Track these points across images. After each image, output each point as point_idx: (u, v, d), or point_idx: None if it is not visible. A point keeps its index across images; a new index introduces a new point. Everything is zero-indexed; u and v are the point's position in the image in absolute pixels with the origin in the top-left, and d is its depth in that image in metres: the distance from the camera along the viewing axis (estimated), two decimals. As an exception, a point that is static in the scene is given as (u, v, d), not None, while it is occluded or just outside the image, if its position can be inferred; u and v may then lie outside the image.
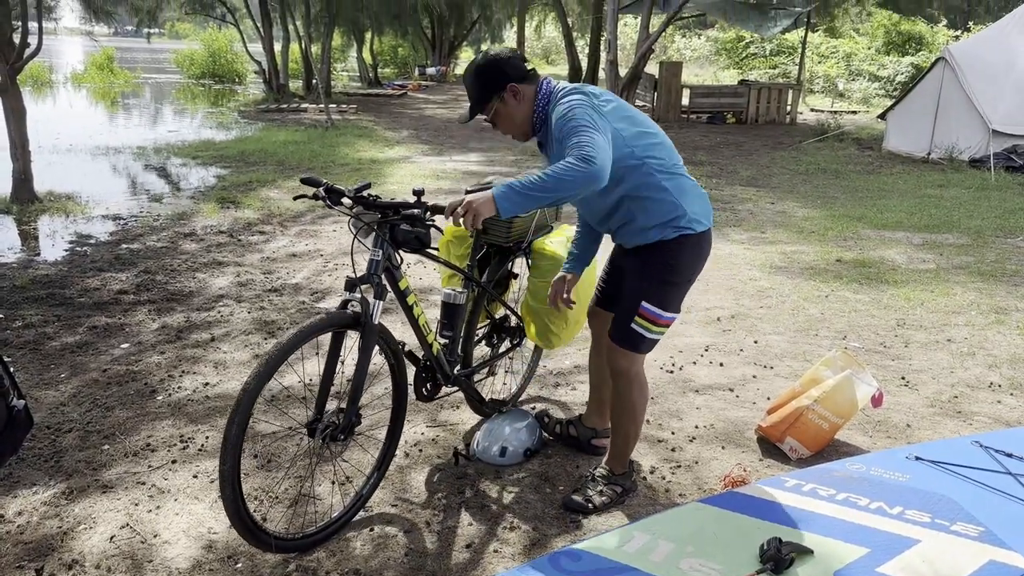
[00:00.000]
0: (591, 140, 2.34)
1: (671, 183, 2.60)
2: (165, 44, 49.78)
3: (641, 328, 2.67)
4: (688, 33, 35.93)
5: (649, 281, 2.66)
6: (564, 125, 2.44)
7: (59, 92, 22.75)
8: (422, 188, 2.70)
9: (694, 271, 2.70)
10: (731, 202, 8.82)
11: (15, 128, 7.85)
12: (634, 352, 2.73)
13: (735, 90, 18.02)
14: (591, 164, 2.29)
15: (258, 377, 2.34)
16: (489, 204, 2.32)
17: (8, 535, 2.64)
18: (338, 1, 18.26)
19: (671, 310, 2.68)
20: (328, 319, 2.49)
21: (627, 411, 2.83)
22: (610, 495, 2.84)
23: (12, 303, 5.03)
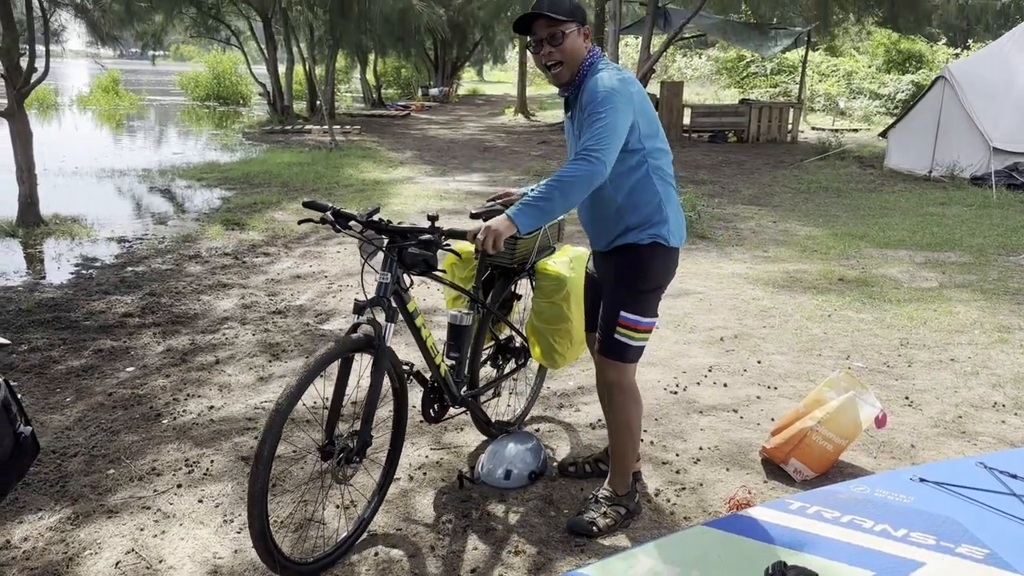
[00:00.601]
0: (605, 136, 2.44)
1: (663, 190, 2.69)
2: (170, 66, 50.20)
3: (624, 337, 2.73)
4: (689, 53, 36.15)
5: (623, 290, 2.73)
6: (595, 100, 2.51)
7: (65, 115, 22.92)
8: (436, 213, 2.73)
9: (664, 279, 2.78)
10: (733, 221, 8.84)
11: (21, 151, 7.90)
12: (621, 362, 2.77)
13: (736, 109, 18.11)
14: (594, 163, 2.41)
15: (289, 398, 2.37)
16: (507, 224, 2.40)
17: (14, 561, 2.64)
18: (342, 23, 18.40)
19: (649, 315, 2.75)
20: (350, 342, 2.53)
21: (623, 424, 2.85)
22: (614, 517, 2.85)
23: (18, 327, 5.06)
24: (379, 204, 2.83)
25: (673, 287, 5.97)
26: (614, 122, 2.48)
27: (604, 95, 2.51)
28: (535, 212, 2.42)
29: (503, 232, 2.40)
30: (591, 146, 2.45)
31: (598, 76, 2.58)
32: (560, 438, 3.59)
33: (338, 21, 18.31)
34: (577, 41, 2.62)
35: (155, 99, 30.13)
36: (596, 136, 2.46)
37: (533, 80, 45.20)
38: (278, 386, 4.16)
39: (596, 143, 2.45)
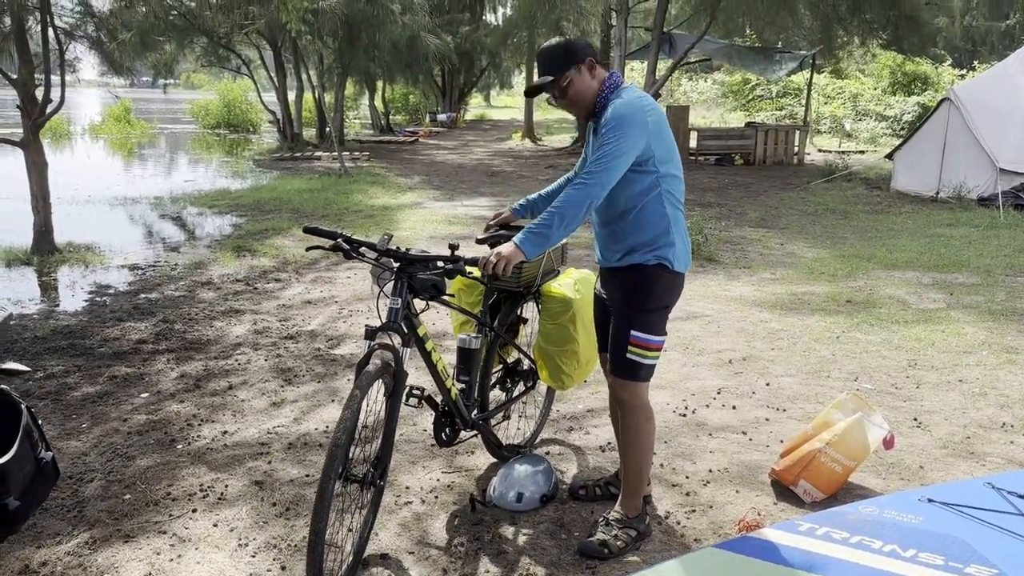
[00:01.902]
0: (607, 161, 2.58)
1: (673, 215, 2.78)
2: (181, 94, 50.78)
3: (636, 356, 2.79)
4: (695, 76, 36.41)
5: (631, 310, 2.80)
6: (608, 126, 2.64)
7: (77, 143, 23.21)
8: (457, 243, 2.81)
9: (670, 300, 2.85)
10: (740, 243, 8.89)
11: (36, 181, 8.03)
12: (634, 381, 2.83)
13: (742, 132, 18.22)
14: (590, 187, 2.58)
15: (347, 432, 2.43)
16: (515, 250, 2.55)
17: (33, 585, 2.68)
18: (350, 51, 18.63)
19: (658, 333, 2.82)
20: (381, 367, 2.59)
21: (637, 444, 2.89)
22: (625, 539, 2.87)
23: (34, 353, 5.12)
24: (391, 232, 2.89)
25: (681, 310, 6.02)
26: (618, 148, 2.59)
27: (615, 122, 2.63)
28: (538, 239, 2.59)
29: (512, 259, 2.55)
30: (590, 169, 2.61)
31: (616, 103, 2.69)
32: (570, 461, 3.62)
33: (347, 49, 18.53)
34: (582, 82, 2.74)
35: (166, 127, 30.47)
36: (598, 160, 2.60)
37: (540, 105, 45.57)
38: (291, 411, 4.21)
39: (596, 167, 2.60)
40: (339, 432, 2.42)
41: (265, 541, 2.96)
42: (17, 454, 2.23)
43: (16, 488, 2.27)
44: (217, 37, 20.66)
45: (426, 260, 2.75)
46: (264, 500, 3.26)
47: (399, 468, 3.52)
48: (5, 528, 2.33)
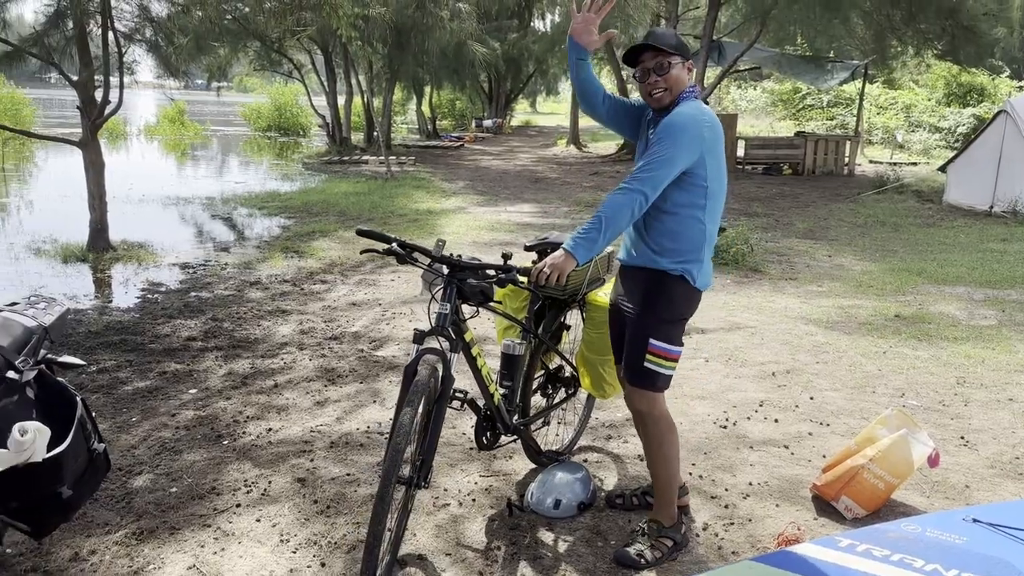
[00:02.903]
0: (655, 167, 2.60)
1: (709, 232, 2.80)
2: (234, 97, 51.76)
3: (654, 365, 2.80)
4: (744, 84, 36.05)
5: (650, 319, 2.81)
6: (665, 130, 2.65)
7: (132, 144, 23.80)
8: (511, 253, 2.84)
9: (687, 312, 2.87)
10: (787, 254, 8.78)
11: (94, 180, 8.26)
12: (652, 391, 2.84)
13: (791, 141, 17.98)
14: (635, 193, 2.59)
15: (405, 436, 2.46)
16: (567, 257, 2.57)
17: (82, 573, 2.77)
18: (399, 57, 18.82)
19: (676, 343, 2.84)
20: (432, 372, 2.63)
21: (659, 454, 2.90)
22: (662, 549, 2.87)
23: (88, 348, 5.28)
24: (444, 239, 2.94)
25: (724, 320, 5.98)
26: (669, 156, 2.60)
27: (673, 129, 2.64)
28: (587, 243, 2.60)
29: (565, 267, 2.57)
30: (637, 174, 2.62)
31: (680, 110, 2.70)
32: (608, 469, 3.62)
33: (396, 55, 18.73)
34: (682, 73, 2.74)
35: (219, 129, 31.08)
36: (646, 165, 2.62)
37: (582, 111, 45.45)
38: (334, 410, 4.28)
39: (644, 172, 2.61)
40: (399, 439, 2.45)
41: (306, 538, 3.01)
42: (71, 445, 2.31)
43: (70, 478, 2.35)
44: (270, 42, 21.04)
45: (478, 268, 2.79)
46: (306, 497, 3.32)
47: (438, 470, 3.56)
48: (58, 516, 2.42)
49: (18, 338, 2.49)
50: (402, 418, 2.49)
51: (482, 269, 2.79)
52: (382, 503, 2.39)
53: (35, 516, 2.34)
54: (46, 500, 2.30)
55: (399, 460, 2.44)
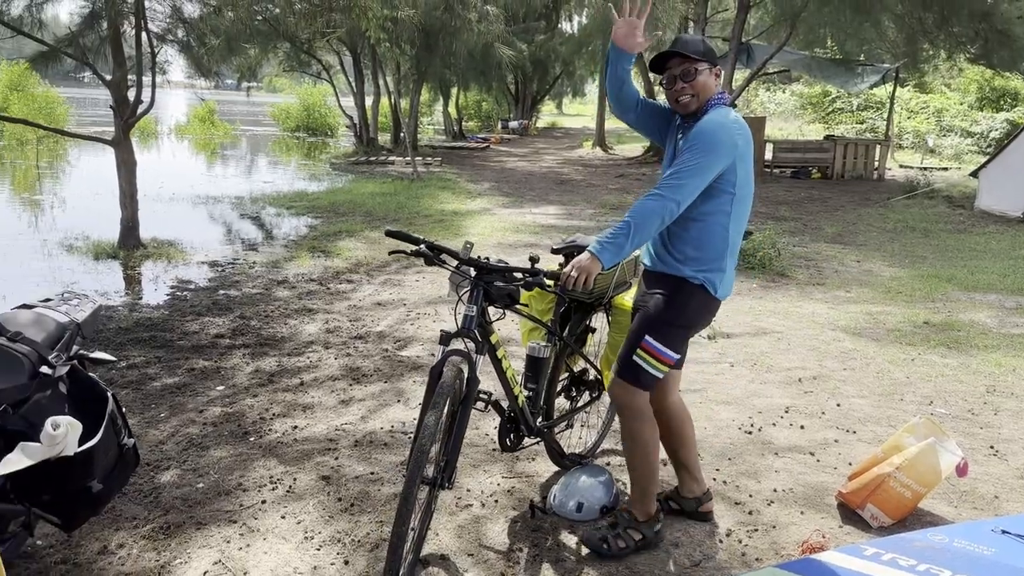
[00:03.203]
0: (687, 174, 2.57)
1: (733, 242, 2.78)
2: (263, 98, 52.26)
3: (641, 361, 2.79)
4: (772, 87, 35.78)
5: (654, 317, 2.80)
6: (697, 138, 2.63)
7: (164, 143, 24.12)
8: (538, 256, 2.85)
9: (698, 321, 2.86)
10: (815, 259, 8.70)
11: (126, 178, 8.38)
12: (634, 385, 2.83)
13: (820, 145, 17.83)
14: (666, 200, 2.57)
15: (430, 437, 2.47)
16: (592, 260, 2.57)
17: (110, 566, 2.81)
18: (427, 59, 18.91)
19: (672, 348, 2.80)
20: (457, 374, 2.65)
21: (634, 448, 2.90)
22: (627, 541, 2.91)
23: (118, 344, 5.36)
24: (472, 242, 2.95)
25: (750, 325, 5.94)
26: (702, 165, 2.59)
27: (705, 137, 2.62)
28: (613, 247, 2.59)
29: (591, 270, 2.56)
30: (668, 181, 2.60)
31: (711, 117, 2.68)
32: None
33: (424, 57, 18.81)
34: (709, 80, 2.73)
35: (248, 129, 31.40)
36: (678, 172, 2.59)
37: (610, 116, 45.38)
38: (358, 409, 4.31)
39: (675, 179, 2.59)
40: (423, 440, 2.46)
41: (330, 535, 3.04)
42: (102, 440, 2.35)
43: (100, 472, 2.39)
44: (299, 43, 21.23)
45: (505, 271, 2.80)
46: (330, 495, 3.35)
47: (461, 471, 3.57)
48: (88, 510, 2.46)
49: (52, 334, 2.54)
50: (427, 419, 2.50)
51: (509, 272, 2.80)
52: (406, 503, 2.40)
53: (66, 509, 2.38)
54: (77, 494, 2.34)
55: (423, 460, 2.45)
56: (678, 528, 3.12)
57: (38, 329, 2.52)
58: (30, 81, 21.02)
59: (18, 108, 19.63)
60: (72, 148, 19.89)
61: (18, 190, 13.67)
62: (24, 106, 20.02)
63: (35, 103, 20.66)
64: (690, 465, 3.15)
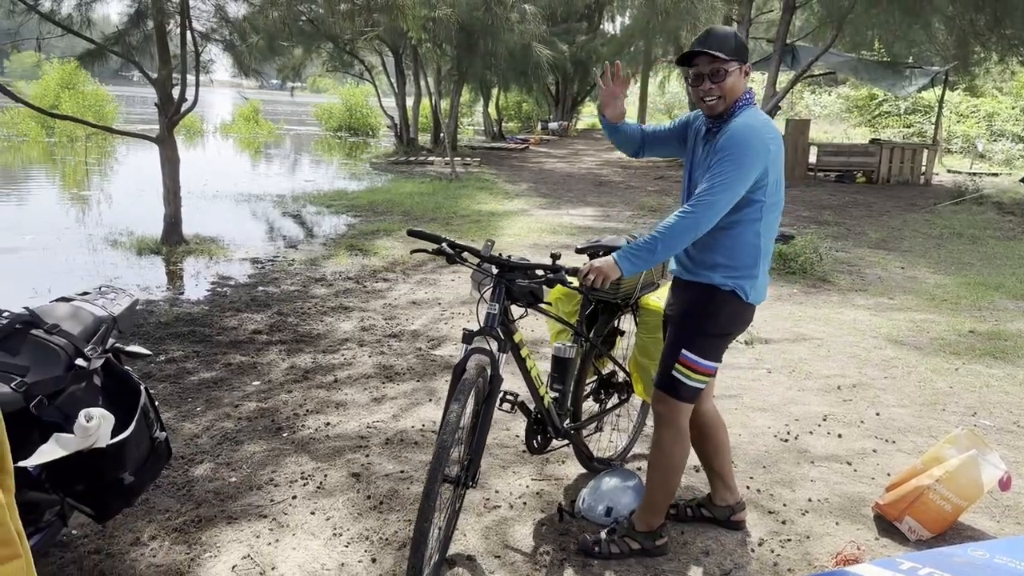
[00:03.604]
0: (720, 188, 2.52)
1: (765, 247, 2.72)
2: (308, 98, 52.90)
3: (681, 375, 2.75)
4: (818, 90, 35.25)
5: (688, 330, 2.77)
6: (728, 146, 2.57)
7: (209, 141, 24.52)
8: (559, 253, 2.83)
9: (733, 328, 2.81)
10: (858, 265, 8.54)
11: (169, 175, 8.52)
12: (675, 399, 2.79)
13: (866, 148, 17.50)
14: (700, 216, 2.53)
15: (452, 433, 2.47)
16: (612, 266, 2.57)
17: (142, 557, 2.85)
18: (468, 59, 18.97)
19: (710, 358, 2.76)
20: (480, 372, 2.64)
21: (661, 461, 2.86)
22: (623, 548, 2.89)
23: (157, 338, 5.44)
24: (494, 239, 2.94)
25: (789, 331, 5.84)
26: (735, 177, 2.53)
27: (736, 147, 2.56)
28: (638, 260, 2.58)
29: (609, 275, 2.57)
30: (702, 196, 2.54)
31: (742, 121, 2.61)
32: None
33: (464, 57, 18.87)
34: (739, 80, 2.65)
35: (291, 128, 31.80)
36: (711, 188, 2.54)
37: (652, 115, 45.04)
38: (390, 407, 4.32)
39: (708, 195, 2.54)
40: (445, 435, 2.46)
41: (358, 532, 3.05)
42: (134, 433, 2.37)
43: (132, 465, 2.42)
44: (342, 43, 21.44)
45: (526, 268, 2.79)
46: (360, 492, 3.36)
47: (490, 472, 3.56)
48: (120, 502, 2.49)
49: (88, 327, 2.58)
50: (449, 416, 2.49)
51: (531, 269, 2.78)
52: (428, 501, 2.39)
53: (98, 500, 2.42)
54: (109, 485, 2.37)
55: (445, 459, 2.44)
56: (709, 536, 3.07)
57: (75, 322, 2.55)
58: (81, 79, 21.53)
59: (69, 105, 20.11)
60: (120, 145, 20.32)
61: (67, 186, 13.99)
62: (74, 103, 20.51)
63: (85, 100, 21.15)
64: (724, 473, 3.10)
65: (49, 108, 18.24)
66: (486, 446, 3.77)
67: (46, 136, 20.44)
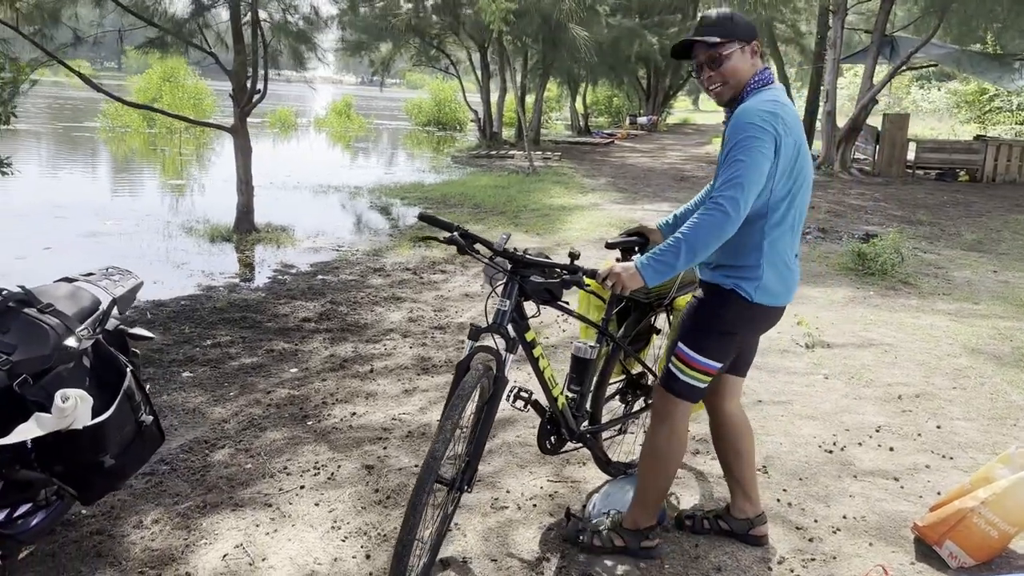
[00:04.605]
0: (738, 181, 2.33)
1: (773, 249, 2.50)
2: (401, 93, 53.77)
3: (676, 369, 2.62)
4: (926, 84, 33.56)
5: (689, 323, 2.63)
6: (736, 136, 2.38)
7: (301, 134, 25.16)
8: (578, 251, 2.69)
9: (737, 329, 2.60)
10: (946, 267, 7.99)
11: (242, 165, 8.71)
12: (668, 392, 2.65)
13: (969, 145, 16.50)
14: (722, 214, 2.33)
15: (444, 443, 2.38)
16: (634, 274, 2.41)
17: (141, 540, 2.85)
18: (552, 52, 18.81)
19: (706, 356, 2.58)
20: (484, 372, 2.53)
21: (650, 456, 2.72)
22: (606, 543, 2.78)
23: (209, 323, 5.53)
24: (509, 233, 2.81)
25: (856, 335, 5.49)
26: (750, 165, 2.33)
27: (738, 130, 2.37)
28: (662, 267, 2.41)
29: (629, 284, 2.42)
30: (722, 193, 2.35)
31: (747, 106, 2.42)
32: (687, 486, 3.36)
33: (549, 50, 18.73)
34: (742, 61, 2.47)
35: (382, 123, 32.34)
36: (729, 181, 2.35)
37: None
38: (420, 400, 4.24)
39: (729, 189, 2.34)
40: (437, 443, 2.35)
41: (357, 527, 2.97)
42: (114, 415, 2.35)
43: (114, 448, 2.40)
44: (429, 38, 21.64)
45: (542, 265, 2.64)
46: (368, 485, 3.29)
47: (505, 470, 3.43)
48: (102, 483, 2.48)
49: (85, 308, 2.58)
50: (444, 422, 2.38)
51: (547, 268, 2.63)
52: (414, 513, 2.27)
53: (80, 481, 2.41)
54: (88, 467, 2.36)
55: (435, 468, 2.32)
56: (726, 551, 2.86)
57: (72, 302, 2.56)
58: (181, 73, 22.40)
59: (168, 99, 20.95)
60: (214, 137, 21.03)
61: (157, 175, 14.57)
62: (173, 97, 21.35)
63: (184, 93, 21.99)
64: (744, 481, 2.88)
65: (149, 101, 19.07)
66: (505, 444, 3.67)
67: (147, 127, 21.37)
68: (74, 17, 8.44)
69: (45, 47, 7.54)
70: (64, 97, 35.11)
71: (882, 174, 16.17)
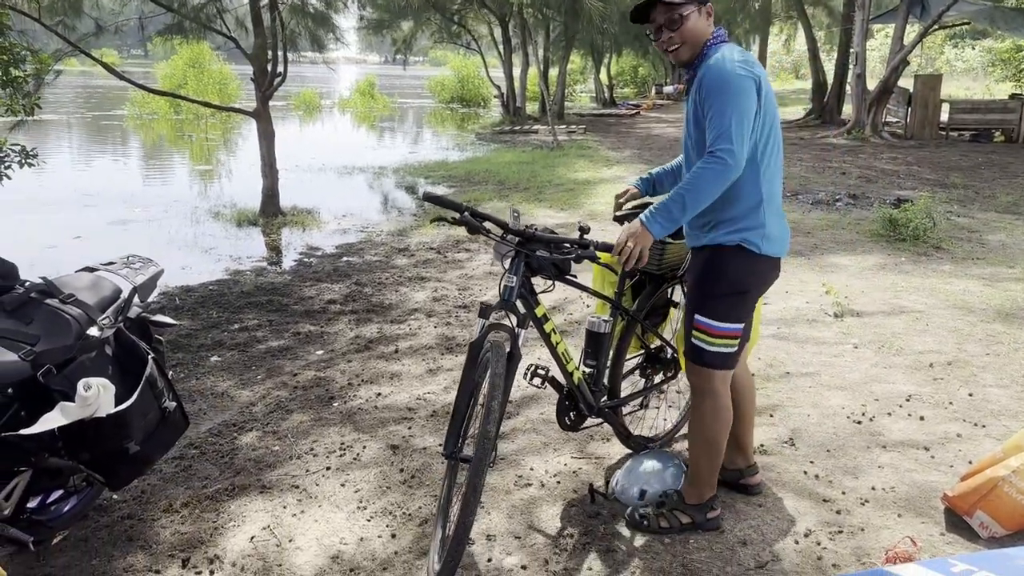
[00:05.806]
0: (731, 127, 2.34)
1: (767, 192, 2.52)
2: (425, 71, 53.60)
3: (700, 342, 2.61)
4: (960, 43, 32.75)
5: (698, 293, 2.63)
6: (717, 86, 2.39)
7: (326, 116, 25.21)
8: (588, 225, 2.67)
9: (748, 284, 2.58)
10: (980, 231, 7.82)
11: (266, 148, 8.74)
12: (700, 366, 2.64)
13: (1005, 105, 16.08)
14: (723, 161, 2.35)
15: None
16: (643, 231, 2.43)
17: (171, 524, 2.90)
18: (575, 24, 18.60)
19: (726, 320, 2.57)
20: (497, 349, 2.52)
21: (699, 432, 2.72)
22: (671, 521, 2.77)
23: (236, 307, 5.59)
24: (519, 209, 2.79)
25: (886, 303, 5.40)
26: (738, 111, 2.35)
27: (719, 81, 2.39)
28: (667, 217, 2.42)
29: (642, 241, 2.43)
30: (718, 143, 2.36)
31: (718, 59, 2.44)
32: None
33: (572, 22, 18.52)
34: (698, 22, 2.49)
35: (405, 102, 32.27)
36: (722, 130, 2.35)
37: (778, 75, 43.07)
38: (444, 379, 4.25)
39: (724, 141, 2.35)
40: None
41: (383, 507, 2.99)
42: (136, 403, 2.38)
43: (138, 434, 2.43)
44: (450, 13, 21.49)
45: (551, 241, 2.62)
46: (394, 465, 3.31)
47: (529, 448, 3.43)
48: (128, 470, 2.52)
49: (106, 297, 2.60)
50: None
51: (555, 243, 2.62)
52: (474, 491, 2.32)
53: (106, 468, 2.45)
54: (113, 454, 2.39)
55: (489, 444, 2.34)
56: (751, 525, 2.84)
57: (93, 292, 2.59)
58: (206, 58, 22.52)
59: (193, 84, 21.08)
60: (240, 121, 21.14)
61: (184, 161, 14.69)
62: (199, 82, 21.48)
63: (209, 79, 22.11)
64: (739, 436, 2.93)
65: (175, 87, 19.19)
66: (529, 421, 3.67)
67: (174, 114, 21.53)
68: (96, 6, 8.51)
69: (68, 38, 7.59)
70: (93, 86, 35.53)
71: (914, 137, 15.83)
